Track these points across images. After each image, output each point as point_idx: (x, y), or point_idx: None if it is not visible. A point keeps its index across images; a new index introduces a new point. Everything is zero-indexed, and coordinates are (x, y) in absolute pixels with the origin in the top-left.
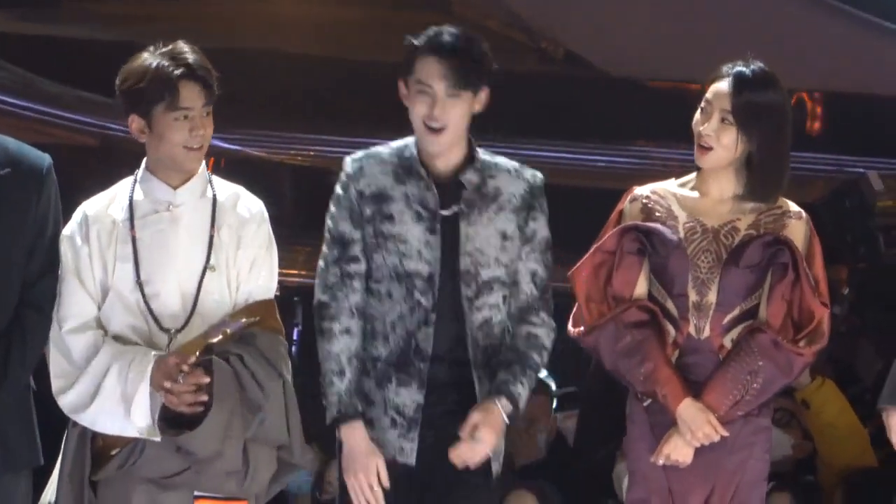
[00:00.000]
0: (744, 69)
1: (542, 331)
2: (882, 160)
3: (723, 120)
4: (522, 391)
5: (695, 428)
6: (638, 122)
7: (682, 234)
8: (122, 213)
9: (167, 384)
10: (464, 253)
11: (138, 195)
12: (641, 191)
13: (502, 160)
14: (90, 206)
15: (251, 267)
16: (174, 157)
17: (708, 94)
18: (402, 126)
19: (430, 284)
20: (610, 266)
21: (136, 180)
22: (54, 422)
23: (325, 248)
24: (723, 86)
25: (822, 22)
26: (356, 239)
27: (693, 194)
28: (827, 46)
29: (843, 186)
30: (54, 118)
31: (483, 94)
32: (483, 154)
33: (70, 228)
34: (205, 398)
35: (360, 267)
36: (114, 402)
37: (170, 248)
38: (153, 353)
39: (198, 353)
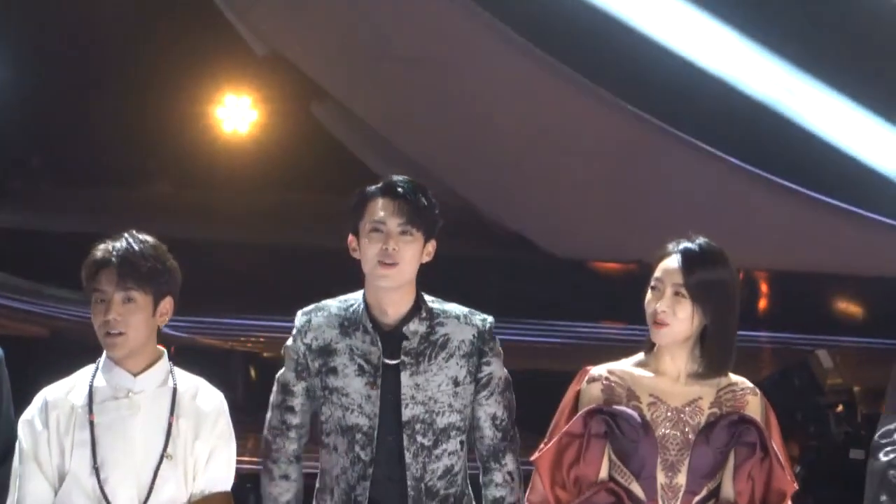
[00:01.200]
0: (691, 244)
1: (506, 490)
2: (830, 338)
3: (676, 293)
4: None
5: None
6: (581, 301)
7: (648, 416)
8: (82, 399)
9: None
10: (412, 403)
11: (99, 381)
12: (598, 371)
13: (452, 306)
14: (50, 392)
15: (209, 458)
16: (99, 337)
17: (657, 273)
18: None
19: (370, 438)
20: (576, 449)
21: (97, 367)
22: None
23: (273, 390)
24: (672, 262)
25: (769, 201)
26: (297, 392)
27: (649, 374)
28: (774, 226)
29: (792, 364)
30: (3, 309)
31: (431, 246)
32: (432, 302)
33: (30, 412)
34: None
35: (295, 419)
36: None
37: (127, 434)
38: None
39: None
